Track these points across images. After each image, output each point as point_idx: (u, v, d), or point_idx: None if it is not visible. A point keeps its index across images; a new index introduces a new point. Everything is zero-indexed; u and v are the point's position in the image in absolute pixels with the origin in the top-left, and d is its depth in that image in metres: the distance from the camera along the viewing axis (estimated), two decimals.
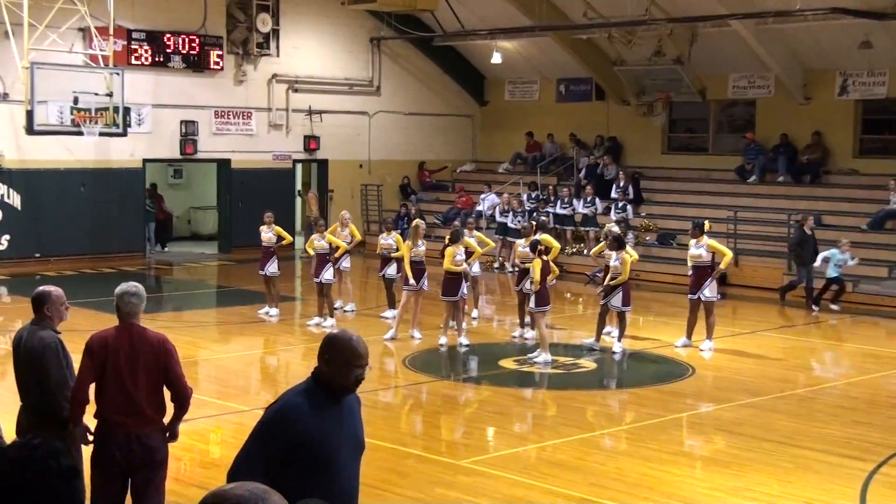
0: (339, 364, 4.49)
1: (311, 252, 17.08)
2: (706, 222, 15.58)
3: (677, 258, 21.58)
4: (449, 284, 15.32)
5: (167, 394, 6.87)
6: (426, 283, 15.89)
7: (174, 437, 6.95)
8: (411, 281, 15.62)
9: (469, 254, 16.10)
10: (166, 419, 6.91)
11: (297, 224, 29.46)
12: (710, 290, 15.11)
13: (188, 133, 26.04)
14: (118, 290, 6.81)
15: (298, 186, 30.96)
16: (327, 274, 16.73)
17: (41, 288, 7.31)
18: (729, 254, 15.48)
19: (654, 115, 27.53)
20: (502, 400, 12.77)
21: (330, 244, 16.85)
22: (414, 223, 16.26)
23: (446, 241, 16.02)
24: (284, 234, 17.84)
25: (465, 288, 15.48)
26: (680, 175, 26.73)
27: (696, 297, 15.19)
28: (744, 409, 12.07)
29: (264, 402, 12.24)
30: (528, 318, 15.87)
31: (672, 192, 26.10)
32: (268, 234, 17.78)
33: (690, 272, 15.41)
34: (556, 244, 16.01)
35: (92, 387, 6.79)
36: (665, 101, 27.15)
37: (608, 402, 13.00)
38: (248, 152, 27.09)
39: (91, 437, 6.84)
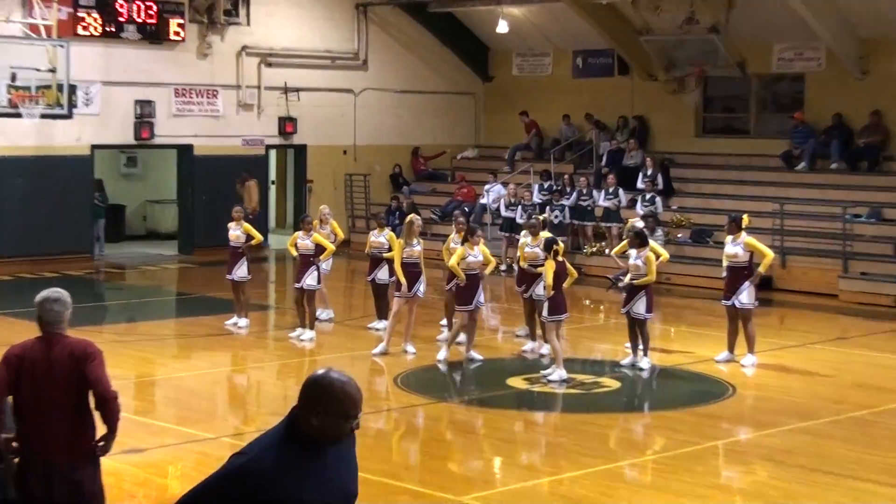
0: (335, 417, 4.28)
1: (294, 253, 16.99)
2: (745, 216, 15.54)
3: (714, 258, 21.48)
4: (463, 291, 15.19)
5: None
6: (422, 288, 15.80)
7: (104, 450, 6.87)
8: (404, 286, 15.54)
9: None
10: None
11: (270, 220, 29.41)
12: (746, 296, 15.05)
13: (144, 115, 25.97)
14: (38, 296, 6.78)
15: (272, 176, 30.94)
16: (310, 279, 16.63)
17: None
18: (770, 254, 15.34)
19: (686, 92, 27.47)
20: (510, 424, 12.70)
21: (316, 244, 16.75)
22: (408, 219, 16.19)
23: (457, 239, 16.00)
24: (254, 232, 17.75)
25: (481, 295, 15.38)
26: (717, 162, 26.66)
27: (730, 302, 15.13)
28: (793, 434, 12.00)
29: (232, 430, 12.21)
30: (540, 331, 15.80)
31: (707, 181, 26.02)
32: (235, 231, 17.70)
33: (725, 273, 15.36)
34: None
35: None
36: (699, 77, 27.09)
37: (634, 426, 12.92)
38: (214, 137, 27.01)
39: (15, 446, 6.76)
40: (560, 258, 14.36)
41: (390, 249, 16.99)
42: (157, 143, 26.44)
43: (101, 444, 6.84)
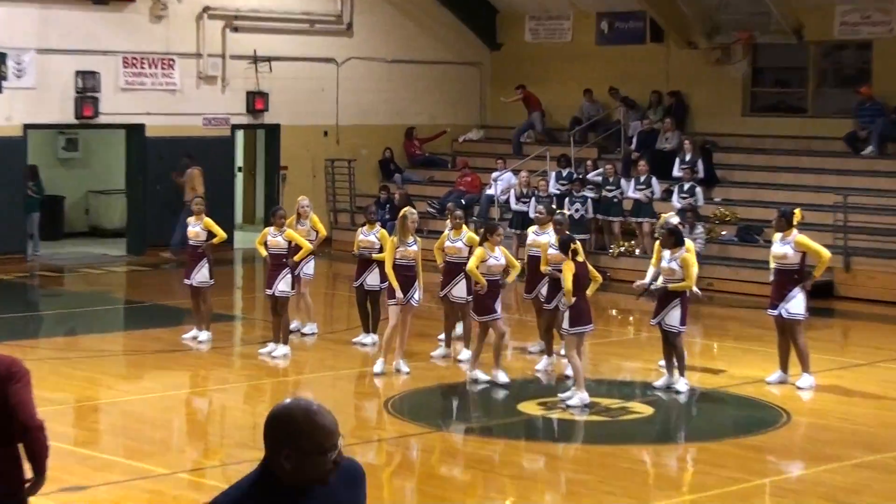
0: (309, 455, 4.28)
1: (264, 252, 16.97)
2: (797, 210, 15.54)
3: (764, 260, 21.48)
4: (484, 299, 15.01)
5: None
6: (416, 295, 15.78)
7: (31, 491, 6.89)
8: (398, 293, 15.55)
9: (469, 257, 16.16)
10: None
11: (237, 214, 29.41)
12: (795, 305, 15.04)
13: (86, 89, 25.96)
14: None
15: (239, 162, 30.94)
16: (283, 284, 16.61)
17: None
18: (826, 255, 15.31)
19: (732, 62, 27.48)
20: (522, 458, 12.71)
21: (290, 242, 16.74)
22: (401, 213, 16.17)
23: (453, 237, 16.06)
24: (216, 228, 17.70)
25: (499, 305, 15.31)
26: (768, 145, 26.67)
27: (777, 312, 15.11)
28: (858, 470, 12.00)
29: (190, 464, 12.20)
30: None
31: (757, 168, 26.03)
32: (195, 228, 17.68)
33: (772, 278, 15.36)
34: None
35: None
36: (747, 44, 27.09)
37: (669, 461, 12.92)
38: (170, 115, 27.00)
39: None
40: (580, 258, 14.35)
41: (382, 250, 16.98)
42: (101, 122, 26.42)
43: (29, 483, 6.85)
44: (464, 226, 16.50)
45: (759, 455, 12.62)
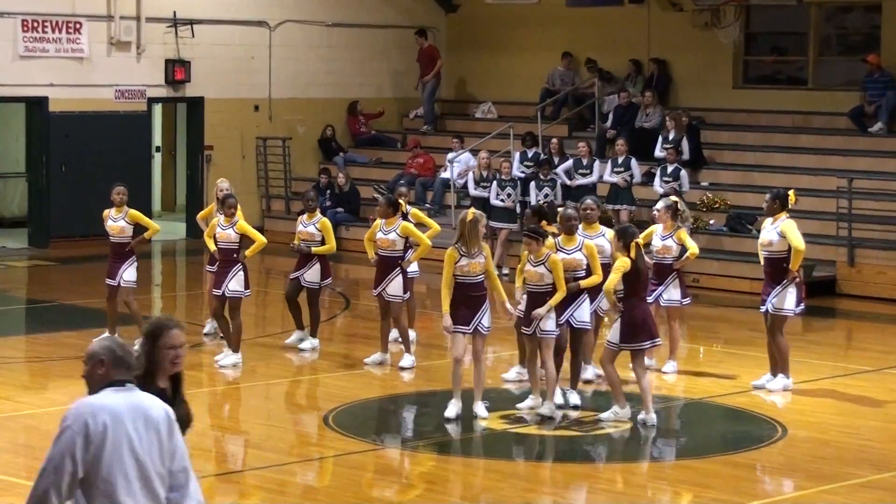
0: None
1: (213, 247, 16.92)
2: (791, 192, 15.68)
3: (757, 254, 21.65)
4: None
5: None
6: (485, 319, 14.16)
7: None
8: (446, 319, 14.05)
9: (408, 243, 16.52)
10: None
11: (154, 201, 29.31)
12: (781, 299, 15.22)
13: None
14: None
15: (157, 141, 30.83)
16: (234, 283, 16.48)
17: None
18: (799, 246, 15.17)
19: (722, 26, 27.58)
20: (481, 478, 12.80)
21: (242, 235, 16.66)
22: (471, 217, 14.06)
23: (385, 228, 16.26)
24: (146, 220, 17.48)
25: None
26: (762, 122, 26.76)
27: (764, 308, 15.31)
28: (863, 490, 12.11)
29: None
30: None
31: (749, 148, 26.14)
32: (118, 222, 17.42)
33: (764, 273, 15.58)
34: (434, 225, 17.20)
35: None
36: (739, 5, 27.20)
37: (650, 481, 13.01)
38: (77, 87, 26.89)
39: None
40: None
41: (324, 242, 17.01)
42: None
43: None
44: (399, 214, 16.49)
45: (750, 474, 12.73)
